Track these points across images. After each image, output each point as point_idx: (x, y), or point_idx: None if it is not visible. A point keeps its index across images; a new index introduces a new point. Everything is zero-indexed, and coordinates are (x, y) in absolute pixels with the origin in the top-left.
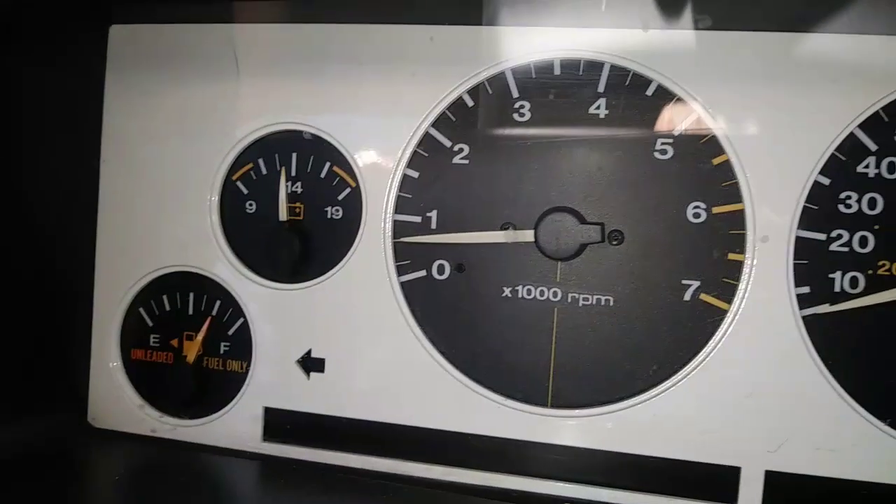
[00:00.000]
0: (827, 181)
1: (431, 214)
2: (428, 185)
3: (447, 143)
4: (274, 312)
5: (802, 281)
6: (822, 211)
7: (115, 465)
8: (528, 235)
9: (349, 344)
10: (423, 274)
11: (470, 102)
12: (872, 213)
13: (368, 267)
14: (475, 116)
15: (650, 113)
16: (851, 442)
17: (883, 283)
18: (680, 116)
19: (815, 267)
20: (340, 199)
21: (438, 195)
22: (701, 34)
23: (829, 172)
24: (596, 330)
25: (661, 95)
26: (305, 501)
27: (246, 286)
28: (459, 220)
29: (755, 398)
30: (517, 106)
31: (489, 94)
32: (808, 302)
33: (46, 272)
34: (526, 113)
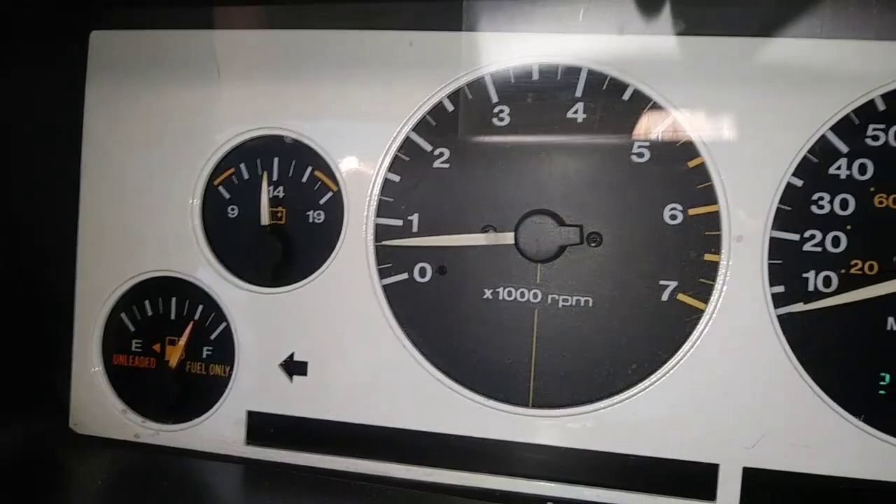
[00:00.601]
0: (800, 183)
1: (413, 218)
2: (409, 188)
3: (428, 147)
4: (256, 316)
5: (777, 280)
6: (795, 212)
7: (97, 470)
8: (508, 238)
9: (332, 347)
10: (404, 277)
11: (450, 107)
12: (845, 213)
13: (350, 270)
14: (455, 121)
15: (627, 117)
16: (826, 438)
17: (855, 281)
18: (656, 120)
19: (789, 267)
20: (322, 203)
21: (419, 199)
22: (676, 40)
23: (801, 174)
24: (576, 330)
25: (637, 100)
26: None
27: (228, 290)
28: (440, 223)
29: (732, 396)
30: (497, 111)
31: (469, 98)
32: (782, 301)
33: (27, 277)
34: (505, 117)
